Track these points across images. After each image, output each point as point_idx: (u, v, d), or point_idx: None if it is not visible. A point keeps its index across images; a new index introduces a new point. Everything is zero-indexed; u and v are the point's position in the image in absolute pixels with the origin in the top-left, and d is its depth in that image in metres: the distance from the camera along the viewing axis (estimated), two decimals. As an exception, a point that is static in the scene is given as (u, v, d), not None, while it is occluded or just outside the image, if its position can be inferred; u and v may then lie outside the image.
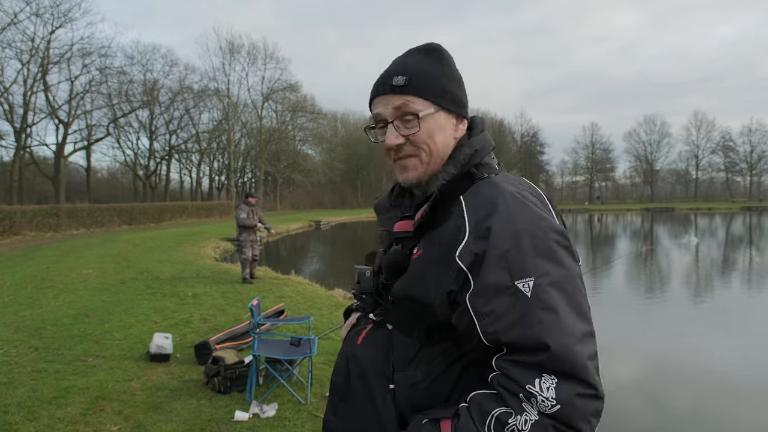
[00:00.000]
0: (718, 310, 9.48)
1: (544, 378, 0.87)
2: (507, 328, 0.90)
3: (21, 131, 33.92)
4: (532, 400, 0.87)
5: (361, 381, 1.10)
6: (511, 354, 0.91)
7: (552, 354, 0.86)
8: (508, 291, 0.91)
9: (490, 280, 0.92)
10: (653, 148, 79.34)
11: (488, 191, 1.00)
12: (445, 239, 0.99)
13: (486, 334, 0.92)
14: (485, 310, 0.92)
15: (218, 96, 50.66)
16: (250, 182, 66.72)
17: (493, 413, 0.89)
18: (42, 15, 33.63)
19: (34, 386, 4.36)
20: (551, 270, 0.91)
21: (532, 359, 0.88)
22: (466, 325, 0.95)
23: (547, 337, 0.87)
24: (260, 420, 3.74)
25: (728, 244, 21.82)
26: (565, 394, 0.86)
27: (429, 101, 1.07)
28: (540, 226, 0.94)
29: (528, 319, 0.88)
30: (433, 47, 1.12)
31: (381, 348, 1.10)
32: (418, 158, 1.09)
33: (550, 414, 0.86)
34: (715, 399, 5.26)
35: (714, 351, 6.84)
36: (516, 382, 0.89)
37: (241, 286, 9.46)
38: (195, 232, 24.65)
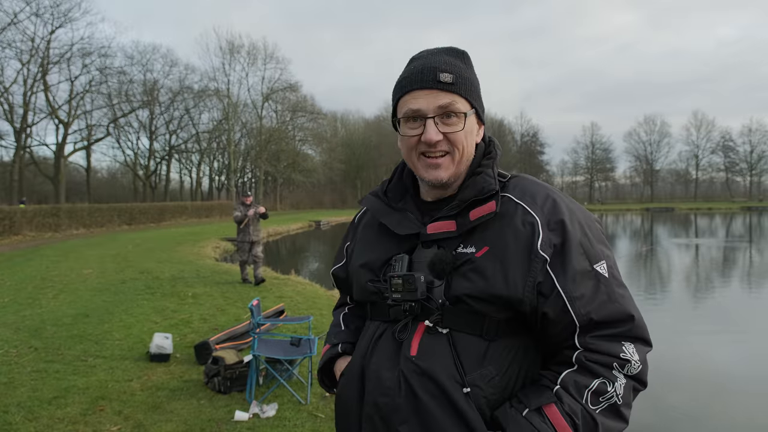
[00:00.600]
0: (716, 309, 9.48)
1: (626, 344, 1.00)
2: (599, 306, 1.00)
3: (21, 131, 33.95)
4: (626, 366, 0.98)
5: (432, 394, 1.01)
6: (597, 330, 1.00)
7: (636, 322, 1.01)
8: (589, 275, 1.01)
9: (576, 267, 1.01)
10: (653, 148, 79.48)
11: (538, 189, 1.09)
12: (516, 234, 1.03)
13: (580, 315, 0.99)
14: (576, 294, 1.00)
15: (218, 96, 50.71)
16: (250, 182, 66.72)
17: (590, 387, 0.98)
18: (42, 15, 33.75)
19: (34, 386, 4.36)
20: (609, 253, 1.07)
21: (618, 330, 1.00)
22: (558, 310, 1.00)
23: (631, 308, 1.02)
24: (260, 420, 3.74)
25: (728, 244, 21.81)
26: (642, 354, 1.01)
27: (469, 103, 1.09)
28: (590, 216, 1.10)
29: (612, 296, 1.01)
30: (464, 52, 1.14)
31: (446, 354, 1.03)
32: (450, 157, 1.08)
33: (633, 375, 0.99)
34: (713, 398, 5.26)
35: (713, 350, 6.83)
36: (608, 354, 0.99)
37: (241, 286, 9.47)
38: (195, 232, 24.65)
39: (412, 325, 1.07)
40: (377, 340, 1.12)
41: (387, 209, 1.18)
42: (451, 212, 1.08)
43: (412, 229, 1.12)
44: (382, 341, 1.10)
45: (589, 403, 0.97)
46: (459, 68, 1.09)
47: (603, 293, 1.01)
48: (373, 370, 1.09)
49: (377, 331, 1.13)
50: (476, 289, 1.01)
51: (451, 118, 1.06)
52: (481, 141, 1.17)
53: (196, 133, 52.27)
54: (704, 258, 17.34)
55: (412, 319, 1.07)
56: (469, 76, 1.10)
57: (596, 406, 0.97)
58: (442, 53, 1.11)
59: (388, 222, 1.16)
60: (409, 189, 1.22)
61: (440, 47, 1.14)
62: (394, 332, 1.09)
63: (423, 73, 1.07)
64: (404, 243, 1.13)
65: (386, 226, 1.16)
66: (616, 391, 0.98)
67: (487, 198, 1.06)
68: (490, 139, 1.19)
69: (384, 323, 1.12)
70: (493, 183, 1.07)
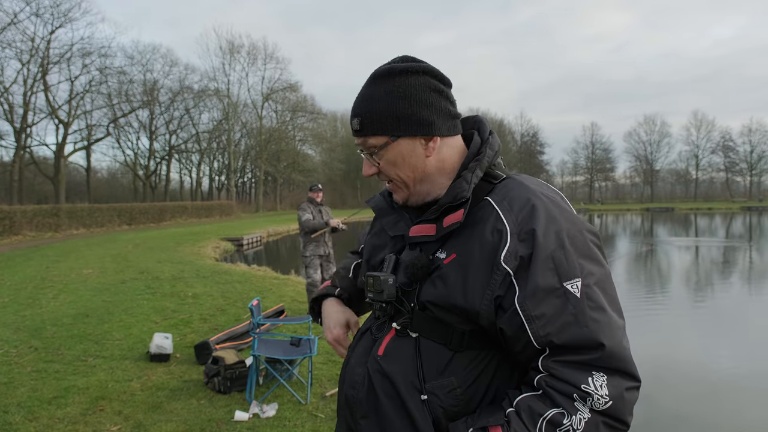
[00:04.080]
0: (715, 309, 9.48)
1: (595, 376, 0.89)
2: (560, 329, 0.91)
3: (21, 131, 33.93)
4: (587, 399, 0.88)
5: (389, 396, 1.03)
6: (561, 355, 0.91)
7: (606, 352, 0.89)
8: (557, 293, 0.91)
9: (540, 282, 0.91)
10: (653, 148, 79.45)
11: (520, 193, 0.99)
12: (483, 243, 0.97)
13: (538, 336, 0.91)
14: (536, 313, 0.91)
15: (218, 96, 50.68)
16: (250, 182, 66.76)
17: (545, 415, 0.89)
18: (42, 15, 33.68)
19: (34, 386, 4.36)
20: (594, 270, 0.94)
21: (584, 358, 0.89)
22: (515, 328, 0.93)
23: (602, 335, 0.89)
24: (260, 420, 3.74)
25: (727, 244, 21.81)
26: (616, 389, 0.89)
27: (381, 135, 1.06)
28: (578, 226, 0.97)
29: (580, 319, 0.90)
30: (382, 71, 1.07)
31: (410, 358, 1.03)
32: (394, 184, 1.12)
33: (602, 411, 0.88)
34: (712, 398, 5.26)
35: (711, 350, 6.84)
36: (568, 383, 0.89)
37: (241, 286, 9.45)
38: (195, 232, 24.65)
39: (387, 325, 1.09)
40: (362, 334, 1.17)
41: (387, 210, 1.20)
42: (432, 216, 1.07)
43: (401, 230, 1.14)
44: (365, 337, 1.15)
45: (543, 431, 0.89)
46: (368, 103, 1.06)
47: (568, 315, 0.90)
48: (351, 363, 1.14)
49: (366, 325, 1.18)
50: (438, 297, 1.01)
51: (372, 155, 1.09)
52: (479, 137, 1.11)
53: (196, 133, 52.26)
54: (703, 258, 17.34)
55: (389, 319, 1.09)
56: (378, 107, 1.04)
57: None
58: (363, 87, 1.09)
59: (385, 222, 1.19)
60: None
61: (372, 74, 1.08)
62: (372, 330, 1.13)
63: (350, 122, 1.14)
64: (397, 244, 1.15)
65: None
66: (573, 425, 0.88)
67: (459, 205, 1.03)
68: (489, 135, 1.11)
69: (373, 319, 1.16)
70: (465, 190, 1.02)
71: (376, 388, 1.05)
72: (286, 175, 57.02)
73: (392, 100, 1.04)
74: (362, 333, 1.17)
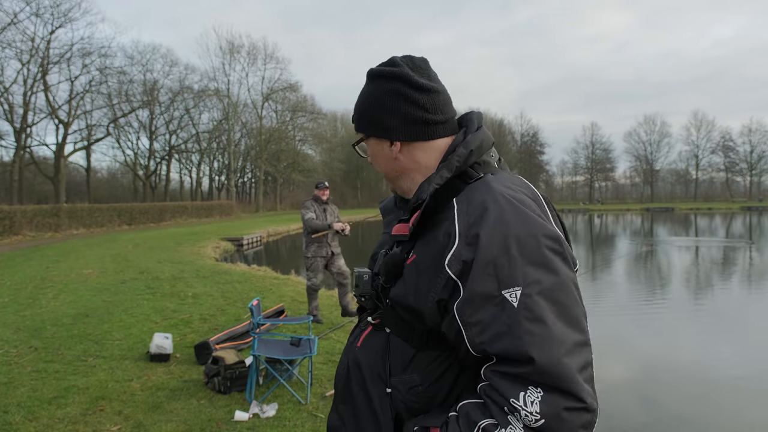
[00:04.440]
0: (715, 309, 9.48)
1: (530, 391, 0.84)
2: (493, 339, 0.88)
3: (21, 131, 33.93)
4: (516, 414, 0.85)
5: (359, 385, 1.10)
6: (498, 364, 0.89)
7: (537, 367, 0.83)
8: (495, 301, 0.88)
9: (478, 289, 0.89)
10: (653, 148, 79.45)
11: (480, 194, 0.97)
12: (436, 245, 0.98)
13: (473, 344, 0.90)
14: (472, 320, 0.90)
15: (218, 96, 50.68)
16: (250, 182, 66.76)
17: (480, 424, 0.88)
18: (42, 15, 33.68)
19: (34, 386, 4.36)
20: (542, 278, 0.88)
21: (517, 371, 0.85)
22: (454, 333, 0.94)
23: (533, 349, 0.84)
24: (260, 420, 3.74)
25: (727, 244, 21.81)
26: (550, 407, 0.83)
27: (361, 132, 1.17)
28: (532, 231, 0.91)
29: (514, 330, 0.86)
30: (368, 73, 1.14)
31: (379, 351, 1.09)
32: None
33: (535, 428, 0.84)
34: (711, 398, 5.26)
35: (712, 350, 6.84)
36: (501, 394, 0.87)
37: (241, 286, 9.45)
38: (195, 232, 24.65)
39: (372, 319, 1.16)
40: (357, 326, 1.23)
41: (391, 209, 1.27)
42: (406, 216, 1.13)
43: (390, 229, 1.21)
44: (358, 329, 1.21)
45: None
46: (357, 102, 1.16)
47: (502, 324, 0.86)
48: (343, 352, 1.22)
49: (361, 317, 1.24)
50: (397, 296, 1.05)
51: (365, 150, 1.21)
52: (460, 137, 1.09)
53: (196, 133, 52.26)
54: (703, 258, 17.34)
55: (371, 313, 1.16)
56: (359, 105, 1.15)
57: None
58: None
59: (385, 221, 1.27)
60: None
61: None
62: (360, 323, 1.20)
63: None
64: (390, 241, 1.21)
65: None
66: None
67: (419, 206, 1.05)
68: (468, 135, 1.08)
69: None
70: (424, 192, 1.04)
71: (351, 378, 1.12)
72: (286, 175, 57.01)
73: (365, 102, 1.14)
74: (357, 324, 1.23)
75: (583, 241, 24.87)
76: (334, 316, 7.02)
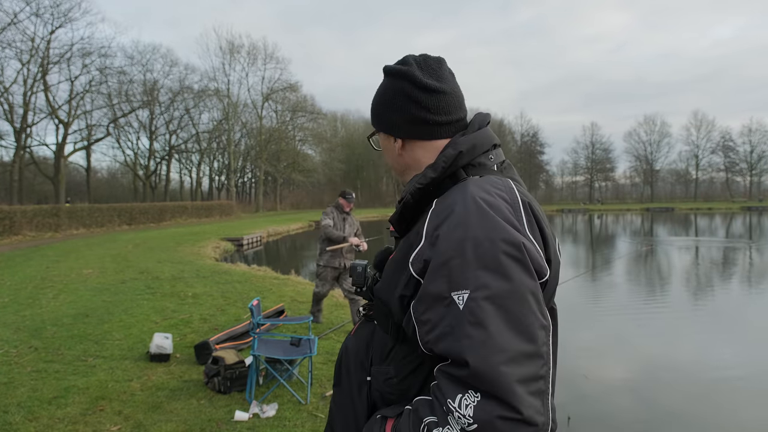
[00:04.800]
0: (715, 309, 9.48)
1: (468, 394, 0.84)
2: (437, 338, 0.89)
3: (21, 131, 33.93)
4: (450, 415, 0.86)
5: (346, 370, 1.18)
6: (446, 365, 0.90)
7: (472, 371, 0.83)
8: (444, 302, 0.89)
9: (430, 288, 0.91)
10: (653, 148, 79.44)
11: (453, 195, 0.98)
12: (408, 244, 1.03)
13: (422, 341, 0.94)
14: (423, 318, 0.93)
15: (218, 96, 50.68)
16: (250, 182, 66.77)
17: (425, 420, 0.90)
18: (42, 15, 33.69)
19: (34, 386, 4.36)
20: (492, 283, 0.86)
21: (457, 373, 0.86)
22: (411, 330, 0.98)
23: (469, 353, 0.83)
24: (260, 420, 3.74)
25: (728, 244, 21.81)
26: (484, 414, 0.81)
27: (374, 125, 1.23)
28: (490, 235, 0.89)
29: (456, 332, 0.86)
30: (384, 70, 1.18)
31: (364, 341, 1.16)
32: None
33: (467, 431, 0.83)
34: (712, 397, 5.26)
35: (711, 350, 6.84)
36: (443, 394, 0.87)
37: (241, 286, 9.45)
38: (195, 232, 24.65)
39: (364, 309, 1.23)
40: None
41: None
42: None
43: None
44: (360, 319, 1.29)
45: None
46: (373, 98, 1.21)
47: (447, 325, 0.87)
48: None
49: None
50: (376, 289, 1.10)
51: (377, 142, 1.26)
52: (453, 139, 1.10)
53: (196, 133, 52.27)
54: (703, 258, 17.34)
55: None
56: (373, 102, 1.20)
57: None
58: None
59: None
60: None
61: None
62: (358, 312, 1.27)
63: None
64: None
65: None
66: None
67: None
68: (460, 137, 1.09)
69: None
70: (403, 192, 1.10)
71: (341, 362, 1.21)
72: (286, 175, 57.01)
73: (377, 98, 1.19)
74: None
75: (583, 241, 24.87)
76: (335, 316, 7.02)
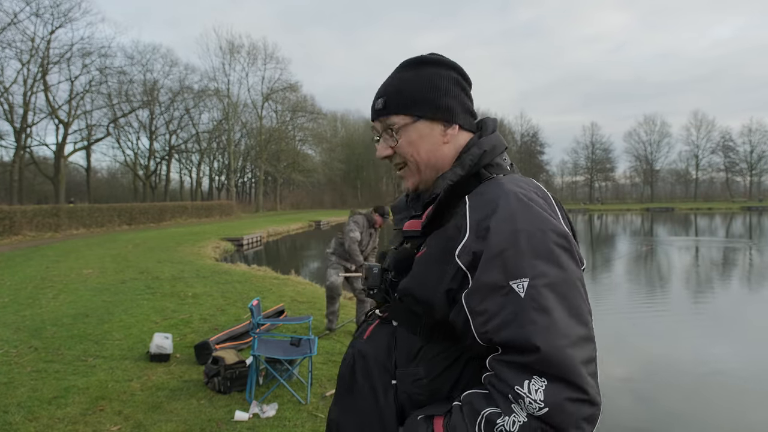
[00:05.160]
0: (715, 309, 9.48)
1: (534, 380, 0.86)
2: (499, 327, 0.90)
3: (21, 131, 33.94)
4: (520, 401, 0.87)
5: (364, 375, 1.12)
6: (503, 354, 0.91)
7: (542, 355, 0.85)
8: (502, 291, 0.91)
9: (486, 279, 0.92)
10: (653, 148, 79.48)
11: (492, 191, 1.01)
12: (446, 238, 1.02)
13: (479, 333, 0.93)
14: (479, 309, 0.93)
15: (218, 96, 50.70)
16: (250, 182, 66.77)
17: (483, 413, 0.90)
18: (42, 15, 33.72)
19: (34, 386, 4.36)
20: (548, 272, 0.90)
21: (522, 360, 0.87)
22: (462, 323, 0.96)
23: (538, 338, 0.86)
24: (260, 420, 3.74)
25: (728, 244, 21.81)
26: (554, 397, 0.85)
27: (405, 114, 1.13)
28: (540, 227, 0.94)
29: (520, 319, 0.88)
30: (413, 59, 1.16)
31: (385, 344, 1.12)
32: (407, 168, 1.16)
33: (538, 416, 0.85)
34: (710, 397, 5.26)
35: (710, 349, 6.84)
36: (506, 383, 0.89)
37: (241, 286, 9.45)
38: (195, 232, 24.65)
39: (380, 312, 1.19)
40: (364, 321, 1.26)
41: (402, 207, 1.29)
42: (419, 212, 1.17)
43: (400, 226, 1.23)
44: (365, 324, 1.24)
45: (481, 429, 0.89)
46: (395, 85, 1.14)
47: (509, 314, 0.89)
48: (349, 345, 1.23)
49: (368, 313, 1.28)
50: (406, 288, 1.07)
51: (391, 133, 1.14)
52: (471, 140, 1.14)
53: (196, 133, 52.28)
54: (703, 258, 17.34)
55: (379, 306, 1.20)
56: (406, 88, 1.13)
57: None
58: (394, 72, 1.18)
59: (395, 219, 1.29)
60: None
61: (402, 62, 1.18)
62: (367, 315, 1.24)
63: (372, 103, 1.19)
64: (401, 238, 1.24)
65: None
66: (506, 426, 0.87)
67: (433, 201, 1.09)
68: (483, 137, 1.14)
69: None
70: (439, 188, 1.08)
71: (355, 368, 1.14)
72: (286, 175, 57.02)
73: (420, 84, 1.12)
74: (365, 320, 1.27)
75: (583, 241, 24.86)
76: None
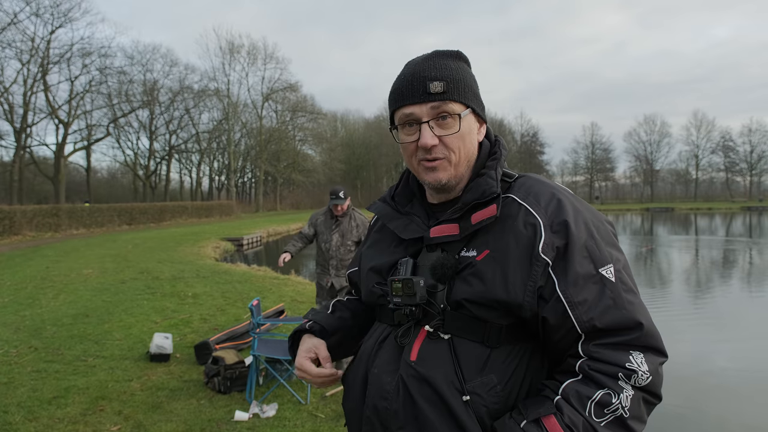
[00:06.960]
0: (716, 308, 9.48)
1: (634, 354, 0.94)
2: (602, 312, 0.95)
3: (21, 131, 33.93)
4: (632, 377, 0.93)
5: (430, 402, 1.00)
6: (601, 338, 0.96)
7: (645, 331, 0.95)
8: (594, 279, 0.97)
9: (579, 270, 0.97)
10: (653, 148, 79.39)
11: (543, 188, 1.06)
12: (518, 237, 1.00)
13: (581, 322, 0.96)
14: (578, 299, 0.96)
15: (218, 96, 50.70)
16: (250, 182, 66.77)
17: (593, 398, 0.93)
18: (42, 15, 33.72)
19: (34, 386, 4.37)
20: (619, 256, 1.02)
21: (624, 339, 0.95)
22: (558, 316, 0.97)
23: (639, 315, 0.96)
24: (260, 420, 3.74)
25: (727, 244, 21.81)
26: (653, 365, 0.95)
27: (463, 104, 1.07)
28: (599, 217, 1.05)
29: (618, 302, 0.96)
30: (460, 53, 1.13)
31: (447, 360, 1.01)
32: (447, 160, 1.07)
33: (642, 386, 0.94)
34: (709, 398, 5.26)
35: (710, 349, 6.84)
36: (613, 363, 0.94)
37: (241, 286, 9.45)
38: (195, 232, 24.65)
39: (414, 330, 1.06)
40: (381, 343, 1.12)
41: (394, 214, 1.19)
42: (455, 215, 1.07)
43: (416, 233, 1.12)
44: (386, 345, 1.11)
45: (592, 415, 0.91)
46: (450, 71, 1.07)
47: (608, 299, 0.95)
48: (375, 373, 1.09)
49: (382, 334, 1.13)
50: (476, 294, 1.00)
51: (446, 120, 1.05)
52: (486, 140, 1.16)
53: (196, 133, 52.25)
54: (703, 258, 17.34)
55: (415, 323, 1.06)
56: (461, 76, 1.08)
57: (601, 418, 0.91)
58: (434, 57, 1.09)
59: (394, 226, 1.17)
60: (416, 193, 1.22)
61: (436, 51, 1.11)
62: (396, 336, 1.08)
63: (413, 85, 1.06)
64: (410, 247, 1.14)
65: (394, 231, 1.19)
66: (621, 403, 0.92)
67: (489, 201, 1.04)
68: (496, 138, 1.17)
69: (389, 327, 1.12)
70: (494, 185, 1.04)
71: (413, 395, 1.01)
72: (286, 175, 57.01)
73: (471, 77, 1.12)
74: (379, 342, 1.13)
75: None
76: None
